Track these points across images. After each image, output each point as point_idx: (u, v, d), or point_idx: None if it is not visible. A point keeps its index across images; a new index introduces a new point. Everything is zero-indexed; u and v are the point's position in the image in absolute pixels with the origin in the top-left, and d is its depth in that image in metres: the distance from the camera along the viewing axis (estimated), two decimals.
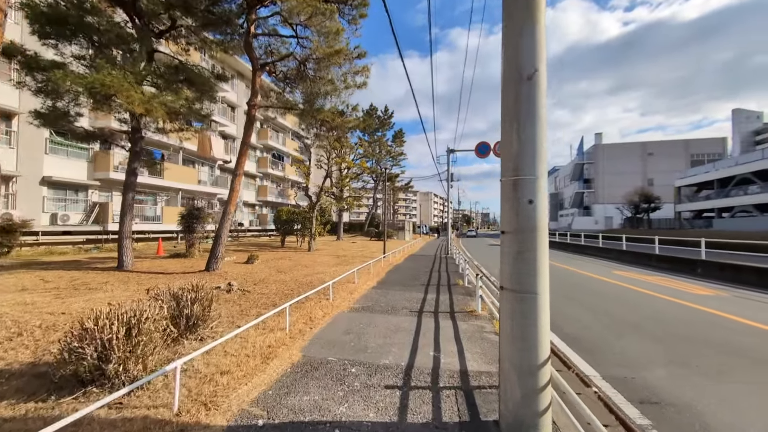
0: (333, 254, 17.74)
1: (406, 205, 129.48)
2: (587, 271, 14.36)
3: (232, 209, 10.67)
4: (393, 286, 9.45)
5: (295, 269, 11.84)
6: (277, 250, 18.83)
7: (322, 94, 10.00)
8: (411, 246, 27.29)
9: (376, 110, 41.53)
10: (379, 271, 12.46)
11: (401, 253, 20.23)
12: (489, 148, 20.46)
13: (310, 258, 15.63)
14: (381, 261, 14.99)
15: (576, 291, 9.54)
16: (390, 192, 48.13)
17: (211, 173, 27.62)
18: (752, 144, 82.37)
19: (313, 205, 18.63)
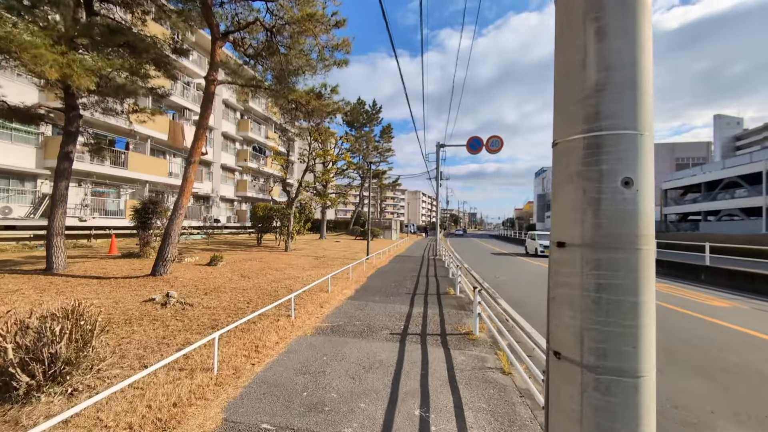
0: (312, 255, 16.23)
1: (394, 204, 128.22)
2: None
3: (184, 202, 9.08)
4: (374, 296, 8.05)
5: (263, 273, 10.32)
6: (250, 250, 17.20)
7: (294, 70, 8.49)
8: (397, 246, 25.94)
9: (364, 104, 39.99)
10: (360, 275, 11.05)
11: (387, 254, 18.85)
12: (481, 143, 19.26)
13: (285, 259, 14.10)
14: (363, 263, 13.59)
15: None
16: (377, 190, 46.69)
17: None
18: (733, 149, 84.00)
19: (291, 201, 17.08)
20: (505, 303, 8.62)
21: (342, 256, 16.31)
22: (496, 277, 12.83)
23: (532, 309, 7.63)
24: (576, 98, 1.40)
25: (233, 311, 5.98)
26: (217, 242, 21.25)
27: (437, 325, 5.81)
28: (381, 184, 37.14)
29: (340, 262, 14.08)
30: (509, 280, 12.15)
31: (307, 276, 10.20)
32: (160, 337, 4.55)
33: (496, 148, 19.06)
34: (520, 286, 11.02)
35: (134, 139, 21.95)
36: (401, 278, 10.91)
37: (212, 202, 28.75)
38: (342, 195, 31.73)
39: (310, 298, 7.30)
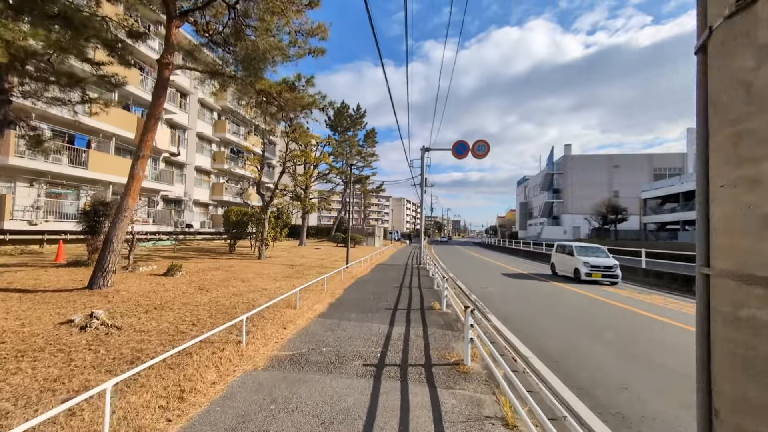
0: (287, 263, 15.05)
1: (379, 211, 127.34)
2: (570, 285, 12.62)
3: (130, 203, 7.86)
4: (349, 312, 7.03)
5: (226, 285, 9.15)
6: (220, 258, 15.89)
7: (262, 54, 7.49)
8: (380, 254, 24.94)
9: (348, 108, 39.15)
10: (337, 287, 10.00)
11: (368, 263, 17.82)
12: (467, 147, 18.61)
13: (256, 268, 12.90)
14: (342, 273, 12.54)
15: (560, 309, 7.54)
16: (361, 195, 45.70)
17: (154, 166, 24.09)
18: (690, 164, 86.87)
19: (266, 205, 15.90)
20: (497, 320, 7.78)
21: (319, 265, 15.20)
22: (483, 288, 12.01)
23: (526, 325, 6.78)
24: None
25: (171, 336, 4.86)
26: (186, 249, 19.76)
27: (421, 352, 4.84)
28: (364, 189, 36.20)
29: (317, 271, 12.99)
30: (497, 290, 11.33)
31: (275, 288, 9.08)
32: (52, 378, 3.40)
33: (483, 152, 18.44)
34: (510, 297, 10.21)
35: (97, 137, 20.34)
36: (382, 290, 9.92)
37: (185, 206, 27.12)
38: (324, 200, 30.58)
39: (273, 316, 6.22)
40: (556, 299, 10.16)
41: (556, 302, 9.72)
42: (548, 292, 11.31)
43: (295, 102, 9.04)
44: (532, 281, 13.93)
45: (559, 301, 9.92)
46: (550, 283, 13.32)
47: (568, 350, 5.48)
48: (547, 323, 7.25)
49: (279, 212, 17.73)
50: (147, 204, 23.44)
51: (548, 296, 10.62)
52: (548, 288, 12.25)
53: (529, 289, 11.84)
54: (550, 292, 11.46)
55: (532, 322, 7.26)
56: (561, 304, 9.37)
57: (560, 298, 10.26)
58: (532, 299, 10.13)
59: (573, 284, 13.06)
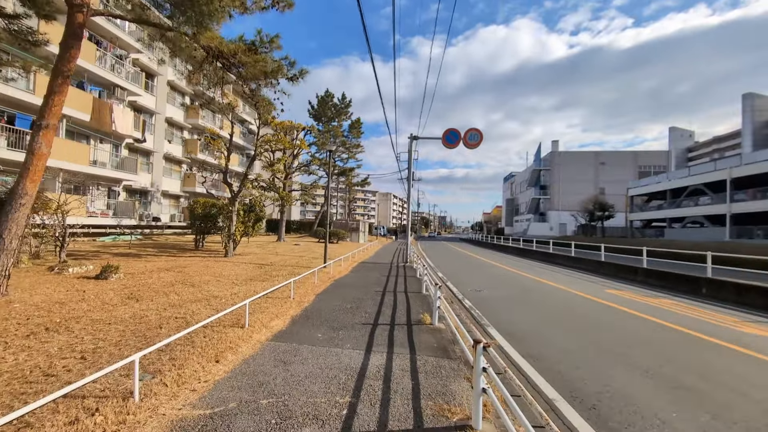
0: (256, 262, 13.34)
1: (365, 206, 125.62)
2: (573, 287, 11.37)
3: (29, 187, 6.02)
4: (316, 330, 5.47)
5: (168, 292, 7.44)
6: (181, 255, 14.05)
7: None
8: (364, 250, 23.38)
9: (332, 97, 37.24)
10: (307, 292, 8.41)
11: (349, 261, 16.25)
12: (458, 136, 17.18)
13: (217, 268, 11.16)
14: (317, 274, 10.96)
15: (574, 321, 6.19)
16: (345, 189, 43.96)
17: (116, 153, 21.82)
18: (685, 160, 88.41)
19: (234, 196, 14.11)
20: (501, 336, 6.27)
21: (294, 264, 13.55)
22: (478, 291, 10.61)
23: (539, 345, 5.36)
24: None
25: (25, 386, 3.19)
26: (147, 245, 17.77)
27: (407, 404, 3.31)
28: (349, 182, 34.51)
29: (289, 272, 11.35)
30: (493, 294, 9.94)
31: (230, 296, 7.43)
32: None
33: (475, 142, 17.04)
34: (510, 303, 8.82)
35: None
36: (361, 295, 8.38)
37: (152, 198, 24.90)
38: (305, 193, 28.75)
39: (208, 341, 4.61)
40: (563, 305, 8.82)
41: (565, 309, 8.37)
42: (552, 297, 9.98)
43: (256, 67, 7.32)
44: (531, 282, 12.63)
45: (567, 307, 8.58)
46: (551, 285, 12.04)
47: (612, 392, 4.04)
48: (565, 342, 5.85)
49: (251, 205, 15.92)
50: (107, 195, 21.22)
51: (552, 301, 9.28)
52: (550, 291, 10.93)
53: (530, 293, 10.49)
54: (553, 296, 10.14)
55: (547, 342, 5.84)
56: (573, 313, 8.02)
57: (568, 304, 8.93)
58: (536, 305, 8.77)
59: (576, 287, 11.81)
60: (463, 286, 11.45)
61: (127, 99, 22.07)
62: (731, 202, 32.77)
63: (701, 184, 37.05)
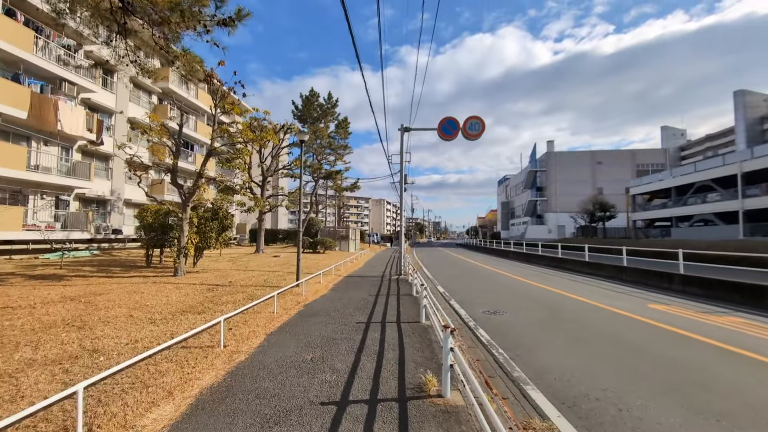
0: (212, 282, 10.69)
1: (358, 212, 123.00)
2: (605, 302, 8.93)
3: None
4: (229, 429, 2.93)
5: (30, 342, 4.83)
6: (119, 276, 11.37)
7: None
8: (353, 261, 20.79)
9: (317, 96, 34.89)
10: (256, 330, 5.86)
11: (332, 275, 13.69)
12: (456, 126, 14.80)
13: (150, 295, 8.52)
14: (284, 296, 8.40)
15: (644, 363, 3.76)
16: (335, 195, 41.42)
17: (65, 157, 19.09)
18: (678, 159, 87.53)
19: (185, 201, 11.55)
20: (549, 403, 3.70)
21: (259, 283, 10.94)
22: (492, 312, 8.10)
23: None
24: None
25: None
26: (90, 262, 15.02)
27: None
28: (337, 186, 32.00)
29: (247, 295, 8.75)
30: (510, 318, 7.42)
31: (126, 345, 4.85)
32: None
33: (476, 132, 14.67)
34: (536, 333, 6.31)
35: None
36: (334, 333, 5.84)
37: (111, 208, 22.12)
38: (287, 198, 26.14)
39: None
40: (610, 333, 6.34)
41: (616, 340, 5.89)
42: (589, 319, 7.50)
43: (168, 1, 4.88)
44: (552, 297, 10.15)
45: (617, 336, 6.09)
46: (579, 301, 9.57)
47: None
48: (657, 415, 3.35)
49: (214, 211, 13.32)
50: (54, 205, 18.43)
51: (593, 326, 6.79)
52: (582, 310, 8.45)
53: (558, 314, 8.01)
54: (590, 318, 7.66)
55: (624, 416, 3.34)
56: (634, 348, 5.53)
57: (616, 331, 6.43)
58: (576, 335, 6.29)
59: (609, 302, 9.34)
60: (471, 306, 8.95)
61: (79, 96, 19.44)
62: (744, 198, 30.83)
63: (709, 180, 35.17)
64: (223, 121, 12.91)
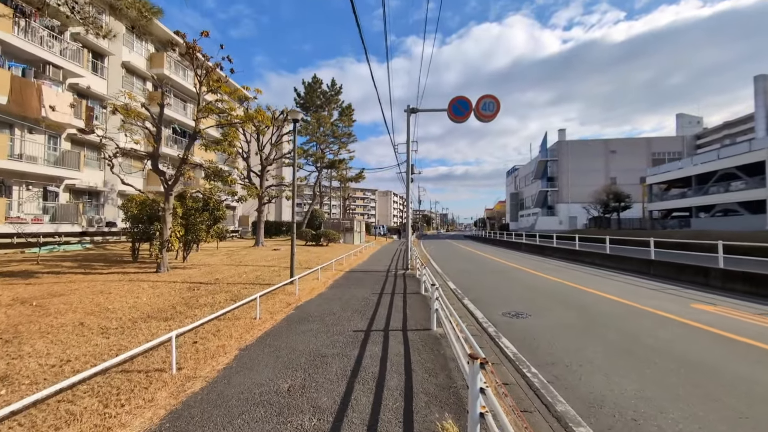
0: (196, 280, 9.64)
1: (364, 204, 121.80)
2: (641, 302, 7.65)
3: None
4: None
5: None
6: (97, 272, 10.39)
7: None
8: (357, 254, 19.67)
9: (320, 83, 33.53)
10: (229, 342, 4.77)
11: (332, 270, 12.58)
12: (468, 106, 13.44)
13: (120, 294, 7.48)
14: (275, 296, 7.30)
15: (723, 390, 2.68)
16: (340, 186, 40.21)
17: (53, 146, 18.16)
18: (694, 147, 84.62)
19: (168, 189, 10.48)
20: None
21: (250, 281, 9.85)
22: (515, 315, 6.85)
23: None
24: None
25: None
26: (73, 257, 14.10)
27: None
28: (341, 177, 30.78)
29: (231, 296, 7.65)
30: (536, 322, 6.18)
31: (54, 368, 3.76)
32: None
33: (490, 113, 13.31)
34: (571, 344, 5.04)
35: None
36: (324, 347, 4.70)
37: (105, 199, 21.25)
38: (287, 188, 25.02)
39: None
40: (659, 342, 5.08)
41: (669, 352, 4.64)
42: (629, 324, 6.24)
43: None
44: (580, 296, 8.89)
45: (669, 348, 4.84)
46: (611, 300, 8.30)
47: None
48: None
49: (204, 201, 12.24)
50: (42, 196, 17.54)
51: (635, 333, 5.54)
52: (618, 312, 7.19)
53: (591, 316, 6.77)
54: (629, 322, 6.40)
55: None
56: (707, 369, 4.29)
57: (666, 341, 5.18)
58: (619, 345, 5.07)
59: (646, 302, 8.05)
60: (487, 306, 7.77)
61: (66, 81, 18.40)
62: None
63: (734, 168, 33.21)
64: (208, 101, 11.69)
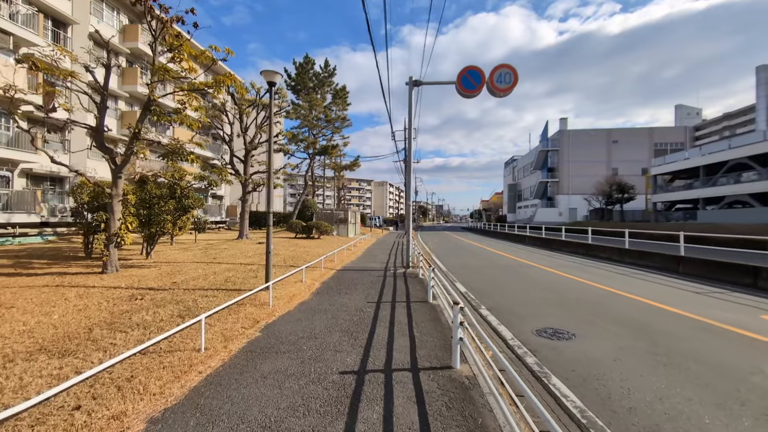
0: (147, 284, 7.76)
1: (360, 195, 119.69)
2: (702, 313, 5.96)
3: None
4: None
5: None
6: (28, 271, 8.49)
7: None
8: (351, 248, 17.87)
9: (313, 64, 31.26)
10: (141, 400, 2.93)
11: (321, 270, 10.77)
12: (481, 79, 11.53)
13: (21, 310, 5.63)
14: (241, 307, 5.49)
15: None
16: (333, 174, 38.20)
17: (5, 124, 15.98)
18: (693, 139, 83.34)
19: (116, 172, 8.57)
20: None
21: (216, 285, 8.01)
22: (552, 336, 5.06)
23: None
24: None
25: None
26: (20, 252, 12.14)
27: None
28: (335, 165, 28.78)
29: (181, 309, 5.82)
30: (586, 346, 4.40)
31: None
32: None
33: (506, 86, 11.42)
34: (650, 380, 3.29)
35: None
36: (288, 418, 2.91)
37: (70, 186, 19.13)
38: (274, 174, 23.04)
39: None
40: None
41: None
42: (734, 358, 4.52)
43: None
44: (628, 304, 7.17)
45: None
46: (664, 310, 6.58)
47: None
48: None
49: (170, 188, 10.30)
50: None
51: (749, 372, 3.84)
52: (685, 330, 5.47)
53: (652, 335, 5.05)
54: (708, 345, 4.69)
55: None
56: None
57: None
58: (742, 400, 3.31)
59: (707, 313, 6.34)
60: (512, 318, 6.06)
61: (20, 50, 16.13)
62: None
63: (746, 158, 31.71)
64: (176, 72, 9.63)
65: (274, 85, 7.34)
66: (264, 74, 7.17)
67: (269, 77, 7.22)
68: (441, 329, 5.32)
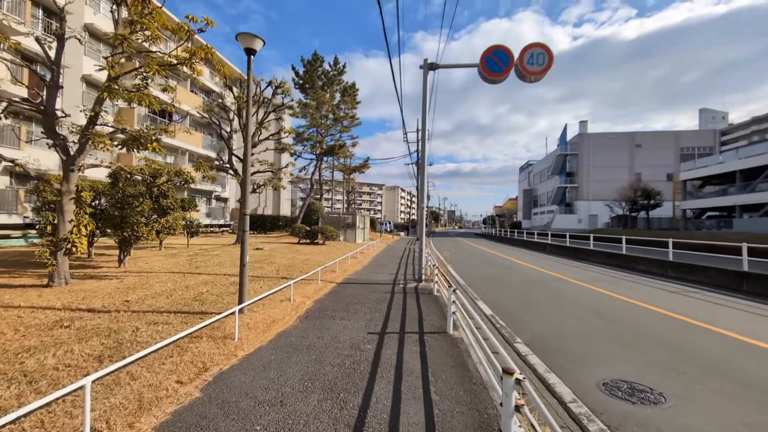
0: (91, 304, 6.26)
1: (371, 200, 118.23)
2: None
3: None
4: None
5: None
6: None
7: None
8: (357, 255, 16.21)
9: (322, 62, 29.98)
10: None
11: (318, 283, 9.12)
12: (509, 60, 9.78)
13: None
14: (199, 341, 3.88)
15: None
16: (343, 177, 36.73)
17: None
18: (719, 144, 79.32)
19: (68, 162, 7.17)
20: None
21: (180, 306, 6.44)
22: (634, 398, 3.35)
23: None
24: None
25: None
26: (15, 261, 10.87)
27: None
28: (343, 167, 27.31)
29: (109, 346, 4.25)
30: (699, 423, 2.67)
31: None
32: None
33: (539, 68, 9.65)
34: None
35: None
36: None
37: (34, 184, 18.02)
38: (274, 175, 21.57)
39: None
40: None
41: None
42: None
43: None
44: (717, 342, 5.32)
45: None
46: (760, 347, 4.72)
47: None
48: None
49: (147, 185, 8.85)
50: None
51: None
52: None
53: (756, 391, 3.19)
54: None
55: None
56: None
57: None
58: None
59: None
60: (562, 359, 4.29)
61: None
62: None
63: None
64: (125, 34, 8.12)
65: (253, 53, 5.77)
66: (240, 38, 5.62)
67: (247, 42, 5.67)
68: (471, 386, 3.61)
